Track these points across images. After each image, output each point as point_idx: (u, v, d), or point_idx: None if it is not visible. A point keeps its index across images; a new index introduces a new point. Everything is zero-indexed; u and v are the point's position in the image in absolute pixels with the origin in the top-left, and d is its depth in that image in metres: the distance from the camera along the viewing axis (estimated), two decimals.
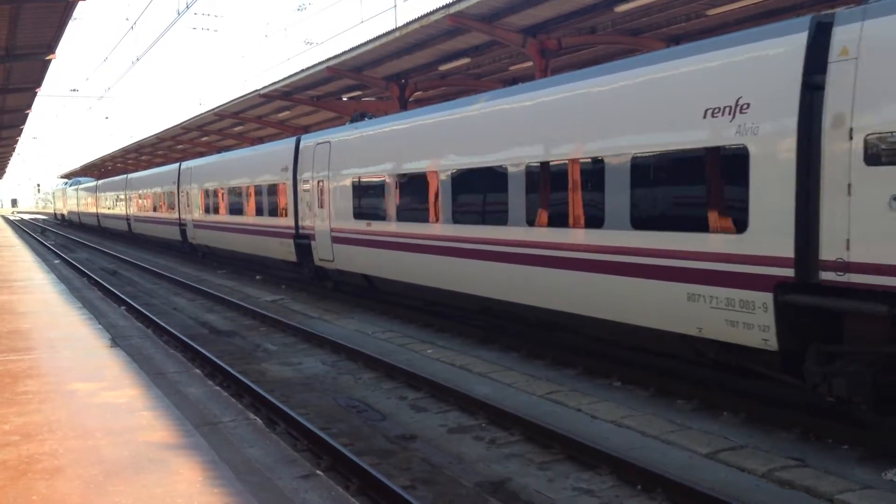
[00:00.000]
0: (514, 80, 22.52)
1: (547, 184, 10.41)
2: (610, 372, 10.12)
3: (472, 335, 12.96)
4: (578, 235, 9.80)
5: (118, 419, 6.60)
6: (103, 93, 44.84)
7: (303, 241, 18.58)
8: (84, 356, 9.30)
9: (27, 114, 29.15)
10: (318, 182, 17.36)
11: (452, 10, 16.59)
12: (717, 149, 7.95)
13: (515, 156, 10.94)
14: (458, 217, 12.30)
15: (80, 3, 13.34)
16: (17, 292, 15.64)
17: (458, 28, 17.71)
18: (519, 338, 12.21)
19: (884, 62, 6.53)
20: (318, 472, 5.87)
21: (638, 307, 8.98)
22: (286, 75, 25.37)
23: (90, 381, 7.95)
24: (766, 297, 7.44)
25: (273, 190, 20.13)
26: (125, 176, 41.48)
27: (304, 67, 24.05)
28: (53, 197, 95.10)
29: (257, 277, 22.89)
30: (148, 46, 25.13)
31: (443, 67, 22.15)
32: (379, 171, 14.76)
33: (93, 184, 53.16)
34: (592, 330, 10.55)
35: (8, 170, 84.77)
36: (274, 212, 20.10)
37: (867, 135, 6.57)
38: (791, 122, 7.18)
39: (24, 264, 22.94)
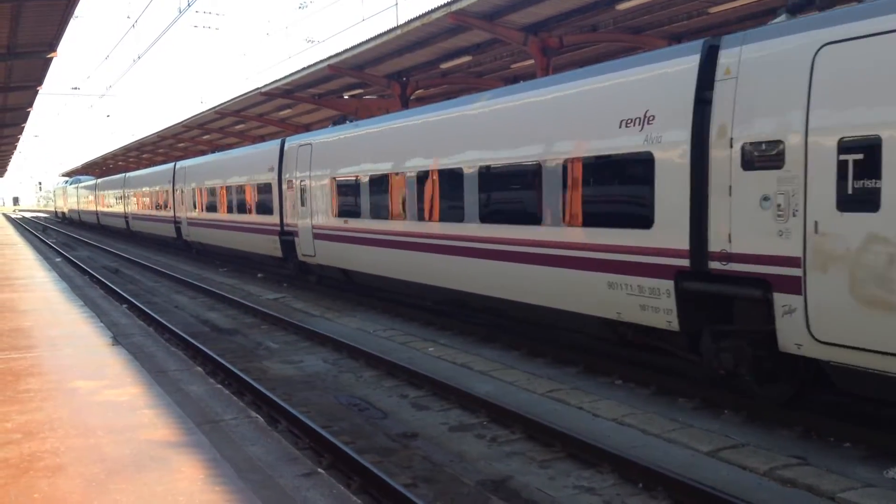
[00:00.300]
0: (515, 78, 22.50)
1: (495, 185, 11.47)
2: (611, 370, 10.13)
3: (474, 333, 12.96)
4: (522, 231, 10.82)
5: (120, 417, 6.60)
6: (105, 91, 44.86)
7: (287, 237, 19.52)
8: (85, 354, 9.30)
9: (29, 112, 29.16)
10: (301, 182, 18.31)
11: (454, 7, 16.57)
12: (630, 155, 9.04)
13: (469, 159, 11.95)
14: (422, 215, 13.28)
15: (81, 0, 13.34)
16: (19, 290, 15.64)
17: (460, 26, 17.69)
18: (520, 336, 12.21)
19: (755, 81, 7.60)
20: (319, 470, 5.87)
21: (570, 295, 10.06)
22: (287, 73, 25.35)
23: (92, 380, 7.95)
24: (669, 285, 8.53)
25: (260, 189, 21.08)
26: (123, 175, 42.27)
27: (305, 66, 24.02)
28: (54, 195, 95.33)
29: (259, 276, 22.90)
30: (149, 44, 25.14)
31: (444, 65, 22.14)
32: (354, 172, 15.75)
33: (92, 182, 53.97)
34: (536, 316, 11.40)
35: (10, 168, 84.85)
36: (261, 210, 21.07)
37: (743, 143, 7.64)
38: (686, 132, 8.28)
39: (26, 262, 22.95)
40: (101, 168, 76.36)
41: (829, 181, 6.90)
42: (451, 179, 12.33)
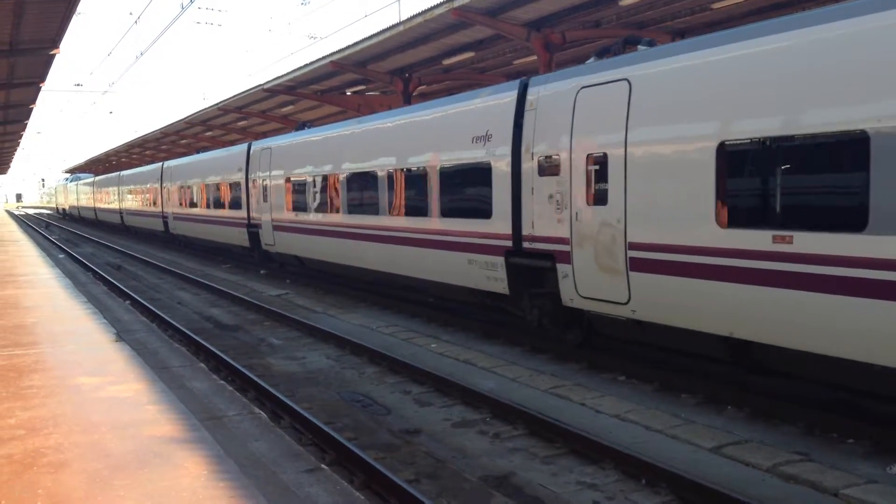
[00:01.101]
0: (518, 74, 22.44)
1: (399, 185, 14.17)
2: (614, 366, 10.13)
3: (476, 329, 12.96)
4: (416, 222, 13.56)
5: (123, 413, 6.61)
6: (107, 87, 44.78)
7: (253, 229, 22.39)
8: (89, 351, 9.32)
9: (31, 108, 29.15)
10: (263, 181, 21.18)
11: (456, 3, 16.53)
12: (481, 164, 11.76)
13: (381, 164, 14.76)
14: (350, 209, 16.11)
15: None
16: (23, 287, 15.67)
17: (462, 22, 17.66)
18: (522, 333, 12.21)
19: (545, 113, 10.48)
20: (322, 466, 5.89)
21: (446, 270, 12.78)
22: (290, 70, 25.31)
23: (95, 376, 7.96)
24: (501, 260, 11.38)
25: (232, 187, 23.97)
26: (118, 173, 44.95)
27: (307, 62, 23.99)
28: (55, 192, 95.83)
29: (262, 272, 22.94)
30: (152, 41, 25.17)
31: (447, 61, 22.10)
32: (302, 173, 18.64)
33: (90, 180, 56.96)
34: (427, 288, 14.13)
35: (12, 165, 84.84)
36: (232, 205, 23.97)
37: (539, 157, 10.54)
38: (508, 148, 11.17)
39: (29, 259, 22.98)
40: (104, 165, 76.52)
41: (582, 184, 9.77)
42: (369, 180, 15.20)
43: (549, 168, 10.30)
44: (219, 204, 25.20)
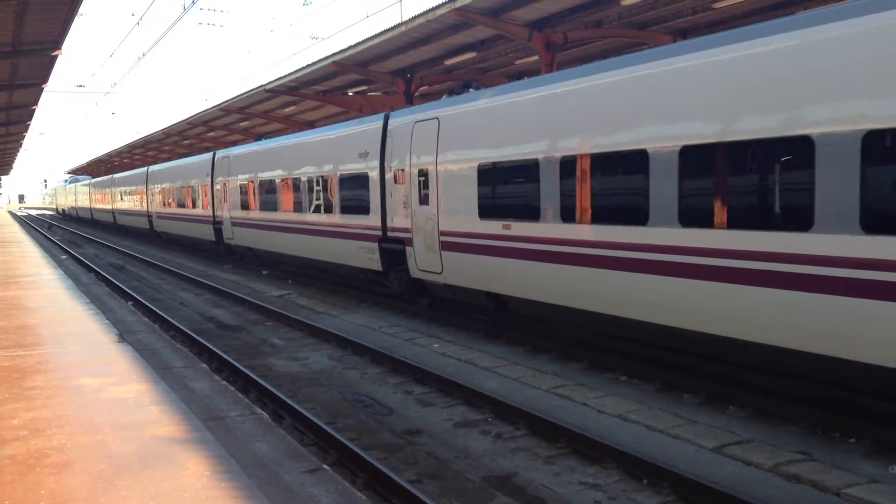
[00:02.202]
0: (520, 75, 22.38)
1: (314, 188, 18.03)
2: (616, 366, 10.13)
3: (478, 329, 12.97)
4: (325, 218, 17.55)
5: (126, 414, 6.63)
6: (109, 88, 44.71)
7: (217, 225, 26.13)
8: (91, 351, 9.34)
9: (34, 110, 29.20)
10: (224, 184, 25.05)
11: (458, 4, 16.53)
12: (363, 174, 15.68)
13: (302, 171, 18.69)
14: (283, 207, 19.96)
15: None
16: (25, 288, 15.70)
17: (464, 22, 17.66)
18: (524, 332, 12.22)
19: (396, 139, 14.30)
20: (324, 466, 5.89)
21: (345, 254, 16.69)
22: (292, 70, 25.34)
23: (98, 377, 7.98)
24: (376, 245, 15.27)
25: (201, 189, 27.63)
26: (111, 176, 48.32)
27: (309, 62, 24.01)
28: (56, 193, 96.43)
29: (263, 272, 22.96)
30: (154, 42, 25.19)
31: (448, 62, 22.09)
32: (251, 178, 22.55)
33: (88, 182, 60.75)
34: (335, 269, 17.92)
35: (15, 165, 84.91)
36: (201, 205, 27.62)
37: (394, 170, 14.32)
38: (378, 163, 15.04)
39: (32, 260, 23.01)
40: (106, 165, 76.72)
41: (416, 190, 13.53)
42: (295, 185, 19.13)
43: (399, 178, 14.11)
44: (192, 204, 28.88)
